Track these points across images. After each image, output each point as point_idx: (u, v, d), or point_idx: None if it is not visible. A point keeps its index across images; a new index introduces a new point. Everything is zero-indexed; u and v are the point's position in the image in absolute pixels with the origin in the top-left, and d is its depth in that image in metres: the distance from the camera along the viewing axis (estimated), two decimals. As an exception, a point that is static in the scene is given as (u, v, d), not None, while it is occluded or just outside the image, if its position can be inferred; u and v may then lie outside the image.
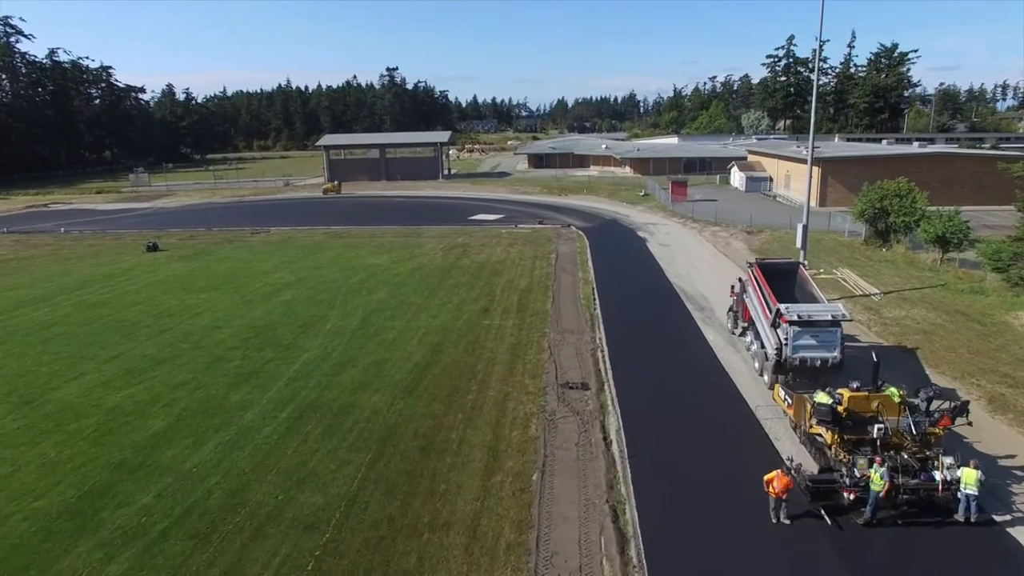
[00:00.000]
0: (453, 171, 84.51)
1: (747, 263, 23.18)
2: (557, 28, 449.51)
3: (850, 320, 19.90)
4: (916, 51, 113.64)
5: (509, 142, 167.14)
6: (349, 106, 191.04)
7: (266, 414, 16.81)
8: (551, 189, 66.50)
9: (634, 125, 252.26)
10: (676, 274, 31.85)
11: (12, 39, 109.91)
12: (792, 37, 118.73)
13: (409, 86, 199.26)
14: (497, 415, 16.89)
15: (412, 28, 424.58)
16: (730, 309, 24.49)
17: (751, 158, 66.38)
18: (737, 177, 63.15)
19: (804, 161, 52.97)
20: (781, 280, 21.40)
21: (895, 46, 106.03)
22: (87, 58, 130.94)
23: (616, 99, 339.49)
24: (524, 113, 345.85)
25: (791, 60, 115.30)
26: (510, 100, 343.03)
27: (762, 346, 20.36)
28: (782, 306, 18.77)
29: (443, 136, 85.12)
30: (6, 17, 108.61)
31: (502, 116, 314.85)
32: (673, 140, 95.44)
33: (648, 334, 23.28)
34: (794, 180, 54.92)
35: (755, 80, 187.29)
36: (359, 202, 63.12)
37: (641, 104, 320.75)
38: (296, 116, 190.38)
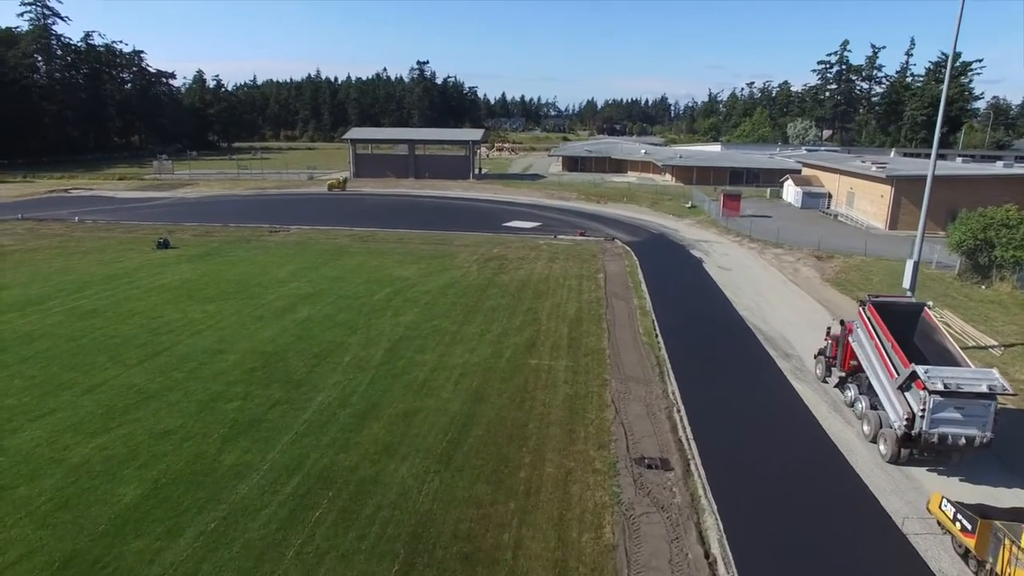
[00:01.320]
0: (484, 171, 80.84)
1: (858, 301, 19.03)
2: (581, 28, 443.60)
3: (1013, 394, 15.63)
4: (980, 61, 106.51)
5: (539, 142, 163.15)
6: (378, 99, 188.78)
7: (265, 488, 13.23)
8: (589, 195, 62.38)
9: (666, 129, 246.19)
10: (745, 307, 27.64)
11: (49, 21, 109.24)
12: (846, 43, 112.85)
13: (438, 81, 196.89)
14: (560, 506, 13.07)
15: (439, 23, 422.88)
16: (820, 352, 20.55)
17: (806, 171, 61.35)
18: (792, 192, 58.25)
19: (872, 178, 48.25)
20: (899, 324, 17.27)
21: (958, 55, 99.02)
22: (121, 42, 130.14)
23: (647, 102, 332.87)
24: (552, 113, 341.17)
25: (843, 67, 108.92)
26: (539, 99, 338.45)
27: (872, 407, 16.70)
28: (921, 369, 14.65)
29: (476, 134, 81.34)
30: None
31: (530, 115, 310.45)
32: (716, 148, 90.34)
33: (730, 389, 19.19)
34: (859, 198, 50.01)
35: (795, 87, 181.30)
36: (384, 201, 59.77)
37: (672, 108, 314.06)
38: (324, 107, 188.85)
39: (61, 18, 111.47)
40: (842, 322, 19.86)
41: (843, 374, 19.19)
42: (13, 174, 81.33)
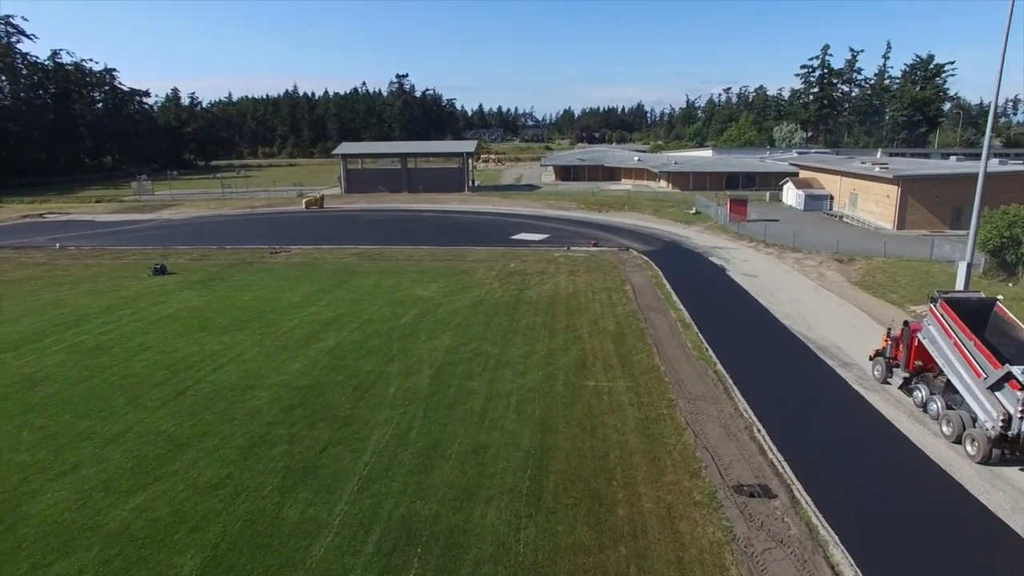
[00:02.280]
0: (477, 183, 79.69)
1: (929, 298, 18.34)
2: (554, 39, 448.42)
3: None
4: (953, 63, 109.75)
5: (522, 152, 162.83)
6: (358, 113, 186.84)
7: (343, 548, 11.63)
8: (589, 204, 61.64)
9: (644, 136, 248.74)
10: (785, 314, 26.84)
11: (13, 39, 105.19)
12: (827, 47, 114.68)
13: (417, 94, 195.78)
14: (673, 547, 11.78)
15: (414, 36, 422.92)
16: (878, 354, 20.08)
17: (804, 174, 61.65)
18: (793, 195, 58.36)
19: (877, 179, 48.47)
20: (970, 320, 16.66)
21: (931, 57, 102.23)
22: (90, 60, 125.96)
23: (623, 109, 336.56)
24: (530, 123, 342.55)
25: (825, 71, 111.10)
26: (516, 109, 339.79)
27: (949, 406, 16.36)
28: (1018, 369, 14.00)
29: (469, 146, 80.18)
30: (7, 16, 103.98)
31: (508, 125, 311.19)
32: (707, 153, 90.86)
33: (802, 404, 18.20)
34: (863, 199, 50.20)
35: (770, 91, 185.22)
36: (382, 217, 58.10)
37: (649, 115, 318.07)
38: (303, 123, 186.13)
39: (27, 36, 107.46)
40: (906, 323, 19.38)
41: (907, 375, 18.83)
42: (-19, 200, 77.46)
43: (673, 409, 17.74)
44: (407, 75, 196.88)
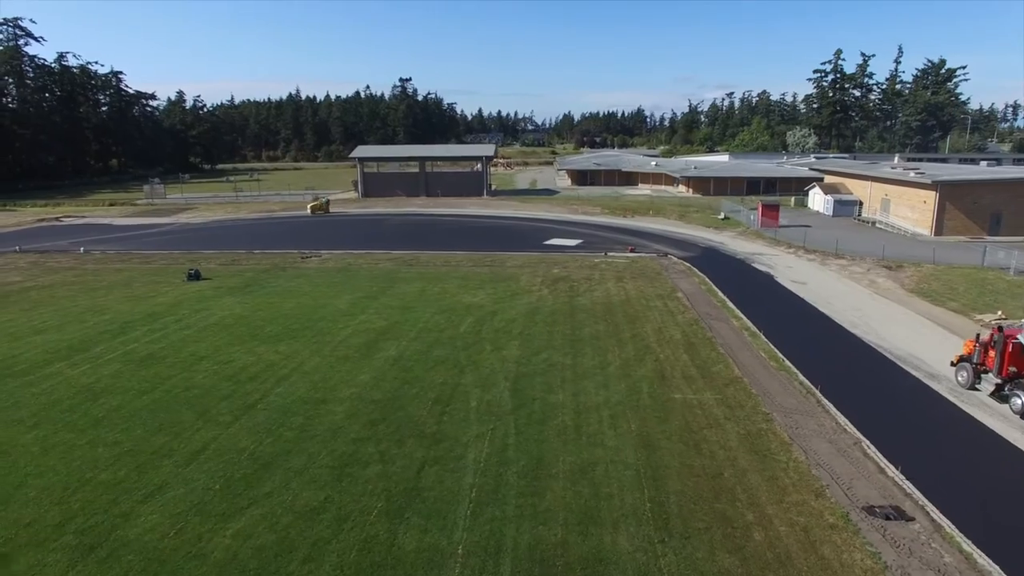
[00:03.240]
0: (493, 187, 79.00)
1: None
2: (551, 43, 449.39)
3: None
4: (964, 67, 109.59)
5: (526, 156, 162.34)
6: (361, 117, 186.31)
7: (475, 580, 10.86)
8: (612, 209, 60.97)
9: (646, 140, 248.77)
10: (851, 323, 26.14)
11: (21, 42, 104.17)
12: (840, 52, 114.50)
13: (419, 98, 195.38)
14: (825, 574, 11.03)
15: (412, 40, 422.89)
16: (963, 359, 19.66)
17: (830, 179, 61.18)
18: (820, 200, 57.84)
19: (913, 184, 47.95)
20: None
21: (942, 62, 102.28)
22: (96, 63, 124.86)
23: (623, 114, 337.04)
24: (530, 127, 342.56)
25: (838, 76, 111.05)
26: (515, 114, 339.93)
27: None
28: None
29: (488, 150, 79.41)
30: (16, 19, 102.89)
31: (507, 130, 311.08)
32: (724, 158, 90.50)
33: (903, 419, 17.41)
34: (897, 205, 49.69)
35: (774, 96, 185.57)
36: (404, 221, 57.25)
37: (649, 119, 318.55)
38: (307, 126, 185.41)
39: (35, 38, 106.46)
40: (1000, 328, 18.92)
41: (999, 381, 18.50)
42: (-8, 203, 76.33)
43: (771, 424, 16.99)
44: (410, 79, 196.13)
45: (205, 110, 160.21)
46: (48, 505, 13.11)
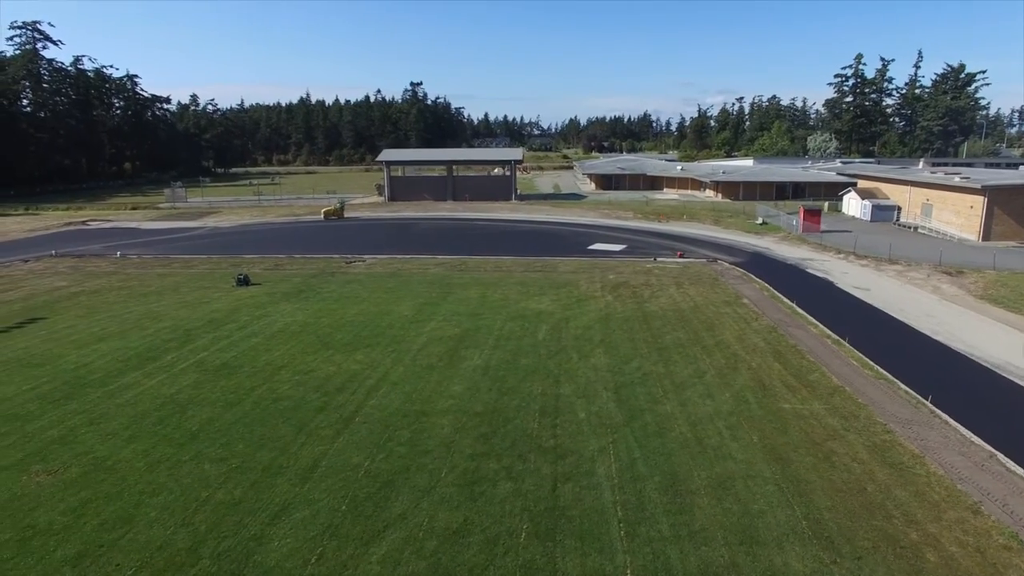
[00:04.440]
0: (518, 191, 78.44)
1: None
2: (554, 49, 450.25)
3: None
4: (984, 72, 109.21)
5: (540, 161, 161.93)
6: (373, 121, 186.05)
7: (658, 612, 10.17)
8: (645, 214, 60.36)
9: (653, 144, 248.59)
10: (931, 330, 25.44)
11: (39, 45, 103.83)
12: (860, 56, 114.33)
13: (429, 102, 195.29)
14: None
15: (418, 45, 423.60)
16: None
17: (863, 184, 60.63)
18: (856, 205, 57.23)
19: (957, 188, 47.35)
20: None
21: (962, 67, 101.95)
22: (111, 67, 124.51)
23: (630, 119, 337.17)
24: (536, 131, 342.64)
25: (858, 80, 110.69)
26: (521, 118, 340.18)
27: None
28: None
29: (516, 154, 78.85)
30: (35, 22, 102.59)
31: (514, 134, 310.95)
32: (748, 162, 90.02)
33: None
34: (940, 210, 49.09)
35: (784, 101, 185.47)
36: (437, 225, 56.62)
37: (655, 124, 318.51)
38: (318, 130, 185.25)
39: (53, 42, 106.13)
40: None
41: None
42: (14, 206, 75.73)
43: (894, 435, 16.32)
44: (421, 83, 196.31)
45: (219, 114, 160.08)
46: (174, 527, 12.42)
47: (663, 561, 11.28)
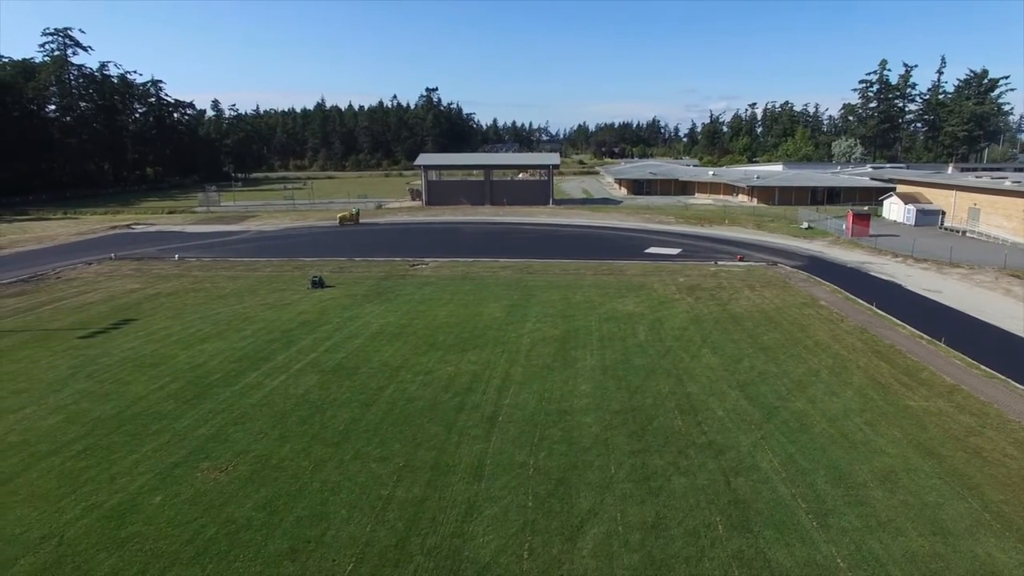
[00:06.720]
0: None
1: None
2: (559, 56, 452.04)
3: None
4: (1007, 77, 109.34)
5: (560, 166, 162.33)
6: (389, 127, 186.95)
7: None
8: (686, 218, 60.75)
9: (664, 150, 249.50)
10: (1023, 331, 25.80)
11: (69, 51, 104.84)
12: (885, 62, 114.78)
13: (443, 108, 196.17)
14: None
15: (428, 51, 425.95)
16: None
17: (903, 188, 60.95)
18: (899, 209, 57.55)
19: (1008, 192, 47.64)
20: None
21: (985, 72, 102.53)
22: (135, 72, 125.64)
23: (639, 124, 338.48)
24: (545, 137, 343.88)
25: (882, 86, 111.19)
26: (530, 124, 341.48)
27: None
28: None
29: (554, 158, 79.35)
30: (65, 29, 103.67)
31: (523, 140, 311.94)
32: (778, 167, 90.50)
33: None
34: (989, 214, 49.39)
35: (797, 107, 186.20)
36: (483, 229, 56.90)
37: (663, 130, 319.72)
38: (335, 136, 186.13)
39: (83, 48, 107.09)
40: None
41: None
42: (51, 210, 76.39)
43: (1030, 436, 16.64)
44: (436, 88, 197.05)
45: (239, 119, 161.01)
46: (370, 524, 12.70)
47: (868, 550, 11.57)
